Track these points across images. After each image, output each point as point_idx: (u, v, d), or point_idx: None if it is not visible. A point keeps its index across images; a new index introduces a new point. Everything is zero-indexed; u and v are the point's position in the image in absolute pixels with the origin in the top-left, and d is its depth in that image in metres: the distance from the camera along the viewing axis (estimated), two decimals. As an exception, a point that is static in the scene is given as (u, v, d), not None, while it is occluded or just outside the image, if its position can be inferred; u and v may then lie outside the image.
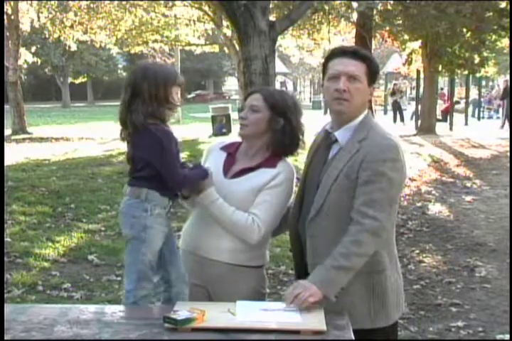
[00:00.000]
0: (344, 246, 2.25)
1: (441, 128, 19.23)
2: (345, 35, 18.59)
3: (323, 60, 2.54)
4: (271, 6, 9.35)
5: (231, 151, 2.65)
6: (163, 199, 2.48)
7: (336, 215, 2.35)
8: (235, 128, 14.40)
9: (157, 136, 2.40)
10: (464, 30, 14.56)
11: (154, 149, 2.41)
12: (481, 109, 25.88)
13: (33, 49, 21.43)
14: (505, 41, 16.53)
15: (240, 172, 2.57)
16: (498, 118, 24.20)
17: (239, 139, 2.66)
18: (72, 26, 17.82)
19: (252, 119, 2.54)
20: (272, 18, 9.88)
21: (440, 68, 17.10)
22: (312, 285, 2.22)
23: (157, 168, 2.44)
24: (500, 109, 23.49)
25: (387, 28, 14.68)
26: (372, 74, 2.41)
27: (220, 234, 2.52)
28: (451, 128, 20.15)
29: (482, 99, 26.45)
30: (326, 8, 13.90)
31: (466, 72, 18.35)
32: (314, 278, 2.25)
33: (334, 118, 2.47)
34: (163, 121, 2.48)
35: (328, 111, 2.58)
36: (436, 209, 8.23)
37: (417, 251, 6.10)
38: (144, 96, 2.43)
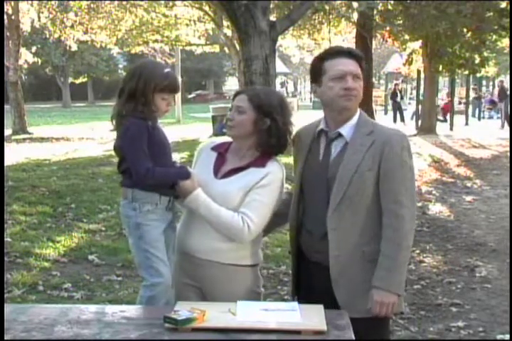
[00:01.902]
0: (393, 242, 2.41)
1: (441, 128, 19.23)
2: (345, 35, 18.59)
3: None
4: (271, 6, 9.35)
5: (221, 151, 2.64)
6: (151, 196, 2.49)
7: (356, 206, 2.45)
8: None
9: (126, 126, 2.44)
10: (465, 30, 14.55)
11: (122, 138, 2.47)
12: (482, 109, 25.88)
13: (34, 49, 21.45)
14: (506, 41, 16.53)
15: (230, 172, 2.57)
16: (498, 118, 24.20)
17: (230, 139, 2.67)
18: (72, 26, 17.83)
19: (238, 120, 2.54)
20: (273, 18, 9.88)
21: (440, 68, 17.09)
22: (388, 294, 2.41)
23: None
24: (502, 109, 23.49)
25: (388, 28, 14.67)
26: (364, 71, 2.54)
27: (211, 234, 2.52)
28: (451, 128, 20.16)
29: (482, 99, 26.44)
30: (327, 8, 13.90)
31: (466, 72, 18.35)
32: (386, 285, 2.41)
33: (334, 117, 2.51)
34: (143, 118, 2.46)
35: (324, 111, 2.57)
36: (436, 209, 8.23)
37: (418, 251, 6.09)
38: (126, 94, 2.47)
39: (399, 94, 24.20)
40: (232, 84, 53.35)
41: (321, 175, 2.50)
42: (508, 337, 4.06)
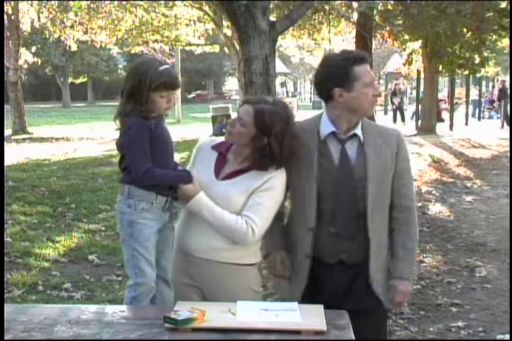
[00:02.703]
0: (409, 235, 2.62)
1: (441, 128, 19.23)
2: (345, 36, 18.56)
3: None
4: (271, 6, 9.34)
5: (222, 151, 2.61)
6: (147, 194, 2.48)
7: (384, 205, 2.58)
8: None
9: (128, 125, 2.44)
10: (465, 30, 14.53)
11: (124, 137, 2.48)
12: (482, 109, 25.87)
13: (34, 49, 21.51)
14: (506, 41, 16.50)
15: (231, 173, 2.55)
16: (498, 118, 24.20)
17: None
18: (72, 26, 17.83)
19: (237, 131, 2.51)
20: (273, 18, 9.86)
21: (440, 68, 17.08)
22: (409, 282, 2.63)
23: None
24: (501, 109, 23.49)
25: (388, 28, 14.64)
26: None
27: (210, 233, 2.52)
28: (451, 128, 20.15)
29: (482, 99, 26.43)
30: (327, 8, 13.87)
31: (466, 72, 18.33)
32: (407, 275, 2.61)
33: (350, 119, 2.54)
34: (146, 117, 2.46)
35: (338, 113, 2.55)
36: (436, 209, 8.22)
37: (418, 251, 6.09)
38: (125, 93, 2.48)
39: (399, 94, 24.14)
40: (232, 84, 53.29)
41: (345, 177, 2.53)
42: (508, 337, 4.06)
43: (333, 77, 2.50)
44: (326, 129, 2.56)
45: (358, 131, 2.56)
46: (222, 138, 2.68)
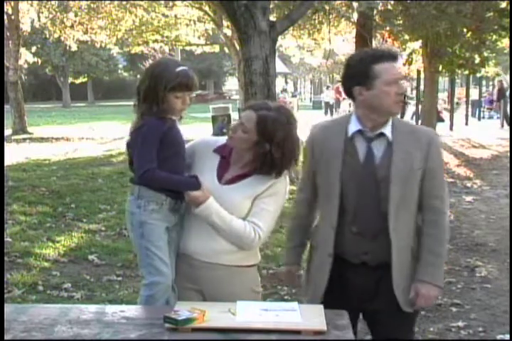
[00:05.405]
0: (437, 238, 2.54)
1: (441, 128, 19.23)
2: (345, 36, 18.57)
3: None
4: (271, 6, 9.34)
5: (225, 155, 2.60)
6: (157, 195, 2.49)
7: (408, 205, 2.51)
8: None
9: (141, 124, 2.46)
10: (465, 30, 14.52)
11: (134, 135, 2.50)
12: (481, 109, 25.86)
13: (34, 49, 21.49)
14: (506, 41, 16.48)
15: (234, 178, 2.55)
16: (498, 118, 24.19)
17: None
18: (72, 26, 17.84)
19: (239, 136, 2.50)
20: (273, 18, 9.87)
21: (440, 68, 17.07)
22: (434, 287, 2.53)
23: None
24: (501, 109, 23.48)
25: (388, 28, 14.64)
26: None
27: (212, 236, 2.51)
28: (451, 128, 20.15)
29: (482, 99, 26.42)
30: (327, 8, 13.90)
31: (466, 72, 18.33)
32: (433, 279, 2.53)
33: (374, 118, 2.50)
34: (161, 118, 2.47)
35: (361, 112, 2.53)
36: (436, 209, 8.21)
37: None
38: (142, 94, 2.49)
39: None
40: (232, 84, 53.27)
41: (369, 176, 2.50)
42: (508, 337, 4.06)
43: (353, 75, 2.50)
44: (353, 127, 2.55)
45: (386, 129, 2.51)
46: (223, 140, 2.64)
